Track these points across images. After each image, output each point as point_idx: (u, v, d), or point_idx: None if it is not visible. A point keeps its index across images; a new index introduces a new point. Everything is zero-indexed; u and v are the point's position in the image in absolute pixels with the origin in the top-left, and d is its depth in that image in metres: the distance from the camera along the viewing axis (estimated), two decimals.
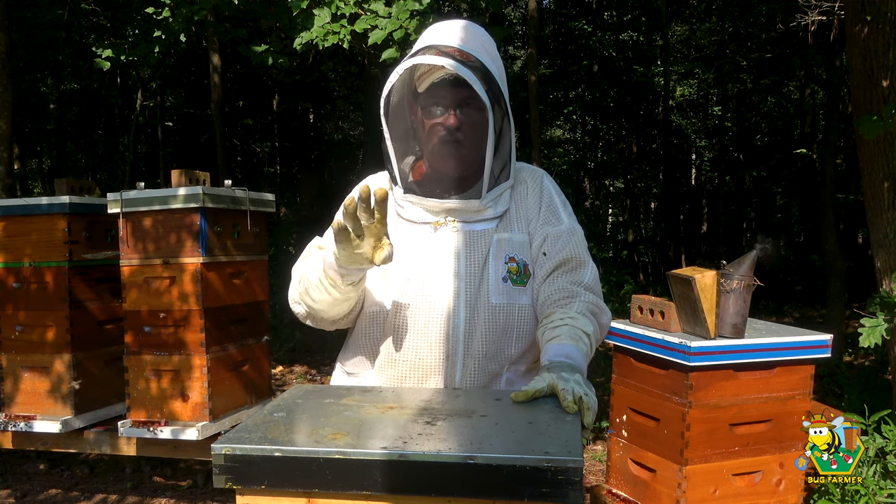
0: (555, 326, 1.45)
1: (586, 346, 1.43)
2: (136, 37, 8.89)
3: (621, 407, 2.67)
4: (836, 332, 4.70)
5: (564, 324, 1.44)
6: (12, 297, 3.55)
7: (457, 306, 1.49)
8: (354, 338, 1.60)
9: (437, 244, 1.53)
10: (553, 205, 1.61)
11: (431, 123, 1.50)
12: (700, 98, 15.35)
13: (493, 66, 1.49)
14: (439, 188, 1.53)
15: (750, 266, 2.45)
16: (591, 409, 1.21)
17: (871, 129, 3.18)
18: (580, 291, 1.53)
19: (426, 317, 1.49)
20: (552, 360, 1.35)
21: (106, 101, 13.01)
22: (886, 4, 3.34)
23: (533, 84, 7.67)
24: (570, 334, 1.42)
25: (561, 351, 1.38)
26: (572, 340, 1.41)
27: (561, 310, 1.49)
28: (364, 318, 1.56)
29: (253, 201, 3.51)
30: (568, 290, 1.52)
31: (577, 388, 1.22)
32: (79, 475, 4.16)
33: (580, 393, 1.21)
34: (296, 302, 1.57)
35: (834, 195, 7.30)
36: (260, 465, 1.02)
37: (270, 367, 3.95)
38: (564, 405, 1.19)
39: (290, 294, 1.58)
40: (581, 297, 1.52)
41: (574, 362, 1.35)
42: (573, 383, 1.24)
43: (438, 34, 1.52)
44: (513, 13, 14.80)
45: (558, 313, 1.48)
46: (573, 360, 1.36)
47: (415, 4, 3.87)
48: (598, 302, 1.55)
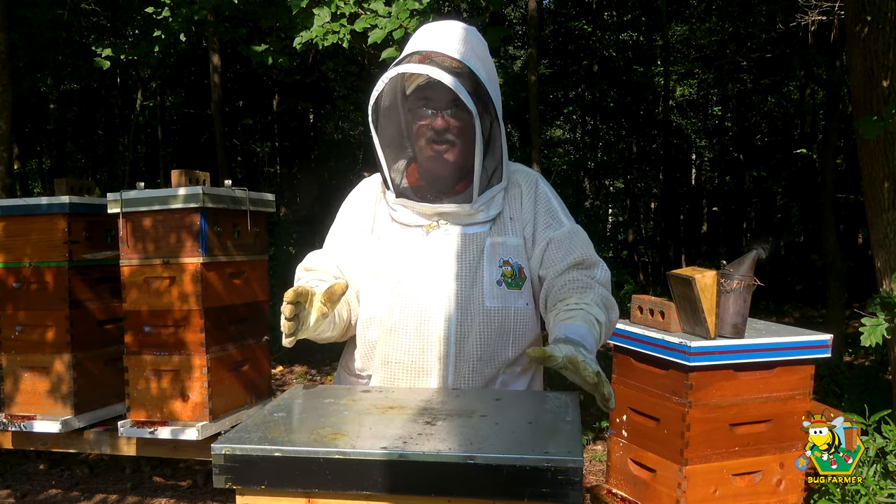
0: (570, 309, 1.46)
1: (598, 333, 1.45)
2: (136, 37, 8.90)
3: (621, 407, 2.67)
4: (836, 332, 4.69)
5: (580, 308, 1.46)
6: (12, 297, 3.54)
7: (448, 309, 1.49)
8: (353, 340, 1.61)
9: (429, 247, 1.53)
10: (552, 208, 1.61)
11: (419, 125, 1.51)
12: (700, 98, 15.34)
13: (482, 68, 1.48)
14: (431, 191, 1.54)
15: (750, 266, 2.45)
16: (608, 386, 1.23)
17: (871, 129, 3.18)
18: (594, 284, 1.55)
19: (418, 319, 1.50)
20: (568, 336, 1.36)
21: (106, 101, 13.01)
22: (886, 4, 3.34)
23: (533, 84, 7.66)
24: (585, 318, 1.43)
25: (577, 331, 1.39)
26: (587, 324, 1.42)
27: (577, 294, 1.50)
28: (360, 321, 1.57)
29: (253, 201, 3.51)
30: (583, 282, 1.54)
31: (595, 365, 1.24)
32: (79, 475, 4.16)
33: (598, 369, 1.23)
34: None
35: (834, 195, 7.30)
36: (260, 465, 1.02)
37: (270, 367, 3.95)
38: (584, 374, 1.21)
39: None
40: (595, 290, 1.53)
41: (587, 343, 1.36)
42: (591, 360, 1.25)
43: (425, 39, 1.51)
44: (513, 13, 14.79)
45: (574, 297, 1.49)
46: (586, 340, 1.37)
47: (414, 4, 3.87)
48: (609, 297, 1.56)
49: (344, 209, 1.67)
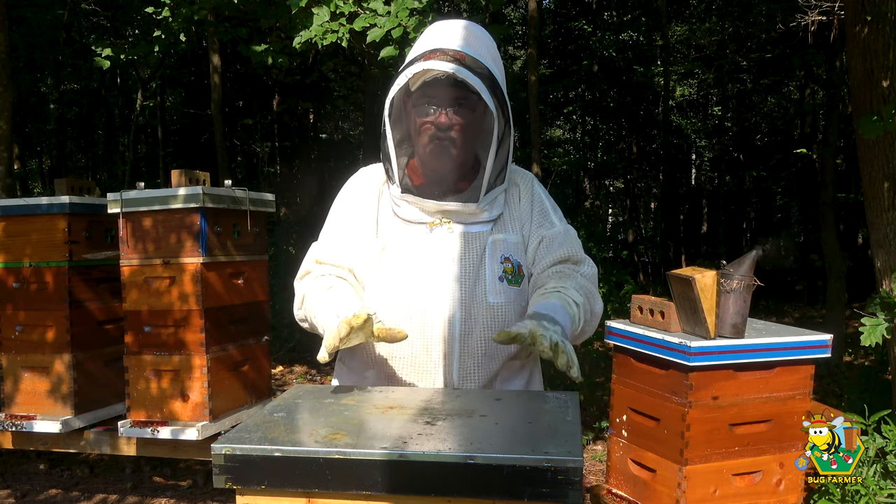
0: (545, 292, 1.48)
1: (574, 313, 1.46)
2: (136, 37, 8.90)
3: (621, 407, 2.66)
4: (836, 332, 4.69)
5: (556, 291, 1.48)
6: (12, 297, 3.54)
7: (452, 306, 1.49)
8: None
9: (433, 245, 1.53)
10: (544, 209, 1.62)
11: (423, 122, 1.50)
12: (700, 98, 15.34)
13: (497, 70, 1.49)
14: (436, 189, 1.53)
15: (750, 266, 2.45)
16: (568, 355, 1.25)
17: (871, 129, 3.18)
18: (577, 275, 1.57)
19: (422, 317, 1.49)
20: (536, 311, 1.38)
21: (106, 101, 13.01)
22: (886, 4, 3.33)
23: (533, 84, 7.66)
24: (560, 298, 1.45)
25: (547, 306, 1.41)
26: (560, 301, 1.44)
27: (556, 280, 1.52)
28: None
29: (253, 201, 3.51)
30: (565, 272, 1.56)
31: (555, 336, 1.25)
32: (79, 475, 4.16)
33: (557, 340, 1.24)
34: (301, 320, 1.60)
35: (834, 195, 7.29)
36: (260, 465, 1.02)
37: (270, 367, 3.95)
38: (540, 349, 1.23)
39: (294, 312, 1.61)
40: (577, 279, 1.55)
41: (557, 317, 1.37)
42: (552, 332, 1.27)
43: (442, 36, 1.51)
44: (513, 13, 14.79)
45: (552, 283, 1.51)
46: (556, 314, 1.38)
47: (414, 3, 3.86)
48: (592, 288, 1.58)
49: (345, 199, 1.64)
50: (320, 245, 1.61)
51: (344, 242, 1.58)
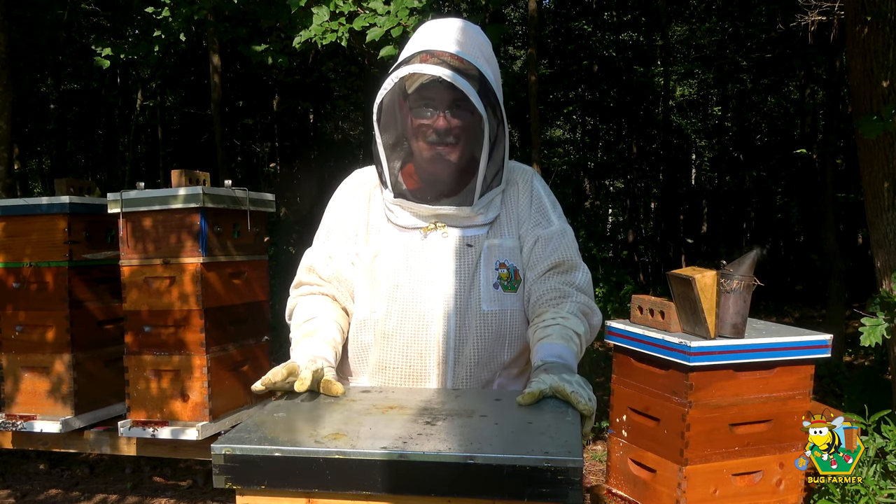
0: (546, 325, 1.45)
1: (577, 346, 1.44)
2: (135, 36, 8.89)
3: (621, 407, 2.67)
4: (836, 332, 4.68)
5: (556, 323, 1.44)
6: (12, 297, 3.54)
7: (447, 314, 1.47)
8: (346, 343, 1.58)
9: (427, 250, 1.51)
10: (543, 206, 1.59)
11: (419, 125, 1.47)
12: (700, 98, 15.34)
13: (490, 71, 1.46)
14: (430, 193, 1.51)
15: (750, 266, 2.45)
16: (594, 411, 1.25)
17: (871, 129, 3.18)
18: (572, 292, 1.53)
19: (416, 324, 1.47)
20: (545, 360, 1.36)
21: (106, 101, 13.01)
22: (886, 4, 3.33)
23: (533, 84, 7.66)
24: (561, 334, 1.42)
25: (552, 351, 1.38)
26: (563, 340, 1.41)
27: (553, 309, 1.49)
28: (354, 323, 1.55)
29: (253, 201, 3.51)
30: (560, 290, 1.52)
31: (581, 390, 1.24)
32: (79, 475, 4.16)
33: (588, 395, 1.24)
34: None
35: (834, 195, 7.29)
36: (260, 465, 1.02)
37: (270, 367, 3.94)
38: (580, 408, 1.21)
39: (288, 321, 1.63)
40: (573, 298, 1.52)
41: (566, 363, 1.36)
42: (577, 385, 1.25)
43: (433, 37, 1.48)
44: (513, 13, 14.77)
45: (550, 312, 1.48)
46: (565, 360, 1.37)
47: (413, 2, 3.86)
48: (589, 303, 1.55)
49: (336, 205, 1.62)
50: (313, 252, 1.61)
51: (332, 252, 1.57)
